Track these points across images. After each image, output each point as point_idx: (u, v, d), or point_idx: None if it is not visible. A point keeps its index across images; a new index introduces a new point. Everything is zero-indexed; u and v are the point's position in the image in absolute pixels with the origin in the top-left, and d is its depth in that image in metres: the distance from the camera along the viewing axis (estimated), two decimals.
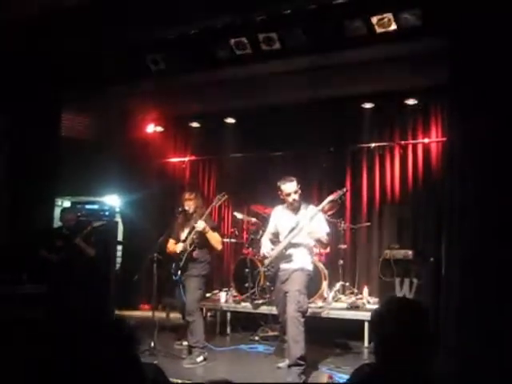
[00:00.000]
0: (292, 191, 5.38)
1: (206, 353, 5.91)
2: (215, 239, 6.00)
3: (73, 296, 6.30)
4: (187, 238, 5.95)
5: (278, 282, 5.49)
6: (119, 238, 9.11)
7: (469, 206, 4.95)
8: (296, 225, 5.31)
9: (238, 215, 8.14)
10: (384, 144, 8.11)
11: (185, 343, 6.21)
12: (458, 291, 4.95)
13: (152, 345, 5.92)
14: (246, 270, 7.36)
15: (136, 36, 6.34)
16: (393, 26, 5.42)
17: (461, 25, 5.09)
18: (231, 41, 6.07)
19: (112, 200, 8.80)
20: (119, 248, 9.19)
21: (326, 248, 7.19)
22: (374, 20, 5.43)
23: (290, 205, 5.45)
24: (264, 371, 5.55)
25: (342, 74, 6.83)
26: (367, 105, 7.96)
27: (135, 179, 9.12)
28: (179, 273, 5.92)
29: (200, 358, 5.79)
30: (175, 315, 7.26)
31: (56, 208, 7.76)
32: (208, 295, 7.72)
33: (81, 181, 8.25)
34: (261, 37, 5.93)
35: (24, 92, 6.96)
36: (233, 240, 8.46)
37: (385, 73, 6.79)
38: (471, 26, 5.01)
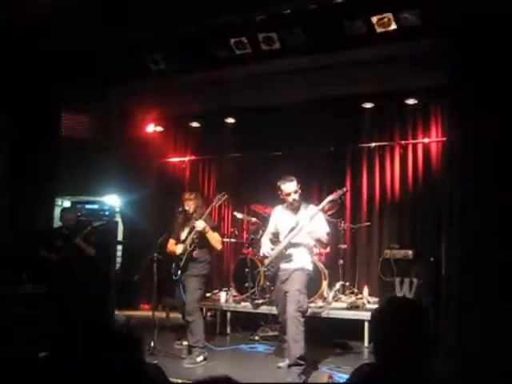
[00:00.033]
0: (292, 191, 5.38)
1: (206, 353, 5.91)
2: (215, 239, 6.00)
3: (73, 296, 6.30)
4: (187, 238, 5.95)
5: (278, 282, 5.49)
6: (119, 238, 9.12)
7: (469, 206, 4.95)
8: (296, 224, 5.31)
9: (238, 215, 8.14)
10: (384, 144, 8.11)
11: (185, 343, 6.21)
12: (458, 291, 4.95)
13: (152, 345, 5.92)
14: (246, 270, 7.36)
15: (136, 36, 6.34)
16: (393, 26, 5.42)
17: (461, 25, 5.09)
18: (231, 41, 6.07)
19: (112, 200, 8.79)
20: (119, 248, 9.19)
21: (326, 248, 7.19)
22: (374, 20, 5.43)
23: (290, 204, 5.45)
24: (264, 371, 5.55)
25: (342, 74, 6.83)
26: (367, 105, 7.96)
27: (135, 179, 9.12)
28: (179, 273, 5.92)
29: (200, 358, 5.79)
30: (175, 315, 7.26)
31: (56, 208, 7.76)
32: (208, 295, 7.72)
33: (81, 181, 8.23)
34: (261, 36, 5.93)
35: (24, 92, 6.95)
36: (233, 240, 8.46)
37: (385, 73, 6.79)
38: (471, 26, 5.01)
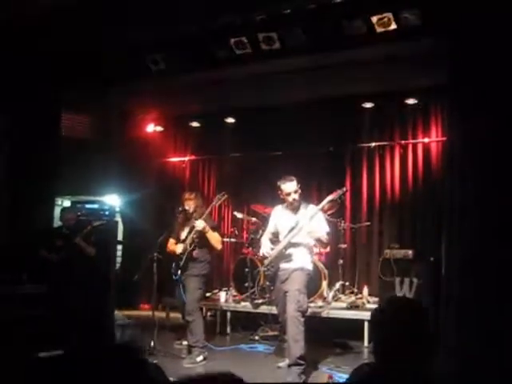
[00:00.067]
0: (292, 191, 5.38)
1: (206, 352, 5.92)
2: (215, 239, 6.00)
3: (73, 296, 6.30)
4: (187, 238, 5.95)
5: (278, 282, 5.49)
6: (119, 238, 9.11)
7: (469, 206, 4.95)
8: (296, 224, 5.31)
9: (238, 215, 8.14)
10: (384, 144, 8.11)
11: (185, 343, 6.21)
12: (458, 291, 4.94)
13: (152, 344, 5.93)
14: (246, 270, 7.36)
15: (136, 36, 6.34)
16: (393, 26, 5.41)
17: (461, 24, 5.08)
18: (231, 40, 6.06)
19: (112, 199, 8.78)
20: (119, 248, 9.19)
21: (326, 247, 7.18)
22: (374, 19, 5.42)
23: (290, 204, 5.45)
24: (264, 371, 5.55)
25: (342, 74, 6.82)
26: (367, 104, 7.96)
27: (135, 179, 9.11)
28: (179, 272, 5.92)
29: (200, 358, 5.79)
30: (175, 315, 7.26)
31: (56, 207, 7.76)
32: (208, 295, 7.72)
33: (81, 180, 8.23)
34: (260, 36, 5.93)
35: (24, 92, 6.95)
36: (233, 239, 8.47)
37: (385, 72, 6.78)
38: (471, 26, 5.00)
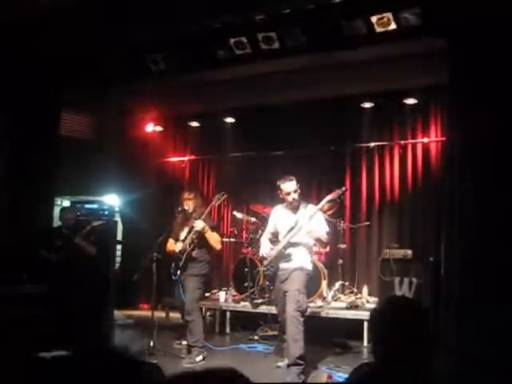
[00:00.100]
0: (291, 190, 5.38)
1: (206, 352, 5.92)
2: (214, 239, 6.00)
3: (72, 295, 6.30)
4: (186, 238, 5.95)
5: (278, 282, 5.49)
6: (119, 238, 9.11)
7: (468, 206, 4.95)
8: (295, 224, 5.31)
9: (238, 215, 8.14)
10: (383, 143, 8.12)
11: (184, 342, 6.21)
12: (458, 291, 4.94)
13: (151, 344, 5.93)
14: (246, 270, 7.36)
15: (136, 36, 6.34)
16: (392, 26, 5.41)
17: (460, 24, 5.08)
18: (231, 40, 6.07)
19: (111, 199, 8.78)
20: (119, 247, 9.19)
21: (326, 247, 7.19)
22: (374, 19, 5.43)
23: (290, 204, 5.45)
24: (263, 371, 5.55)
25: (342, 74, 6.82)
26: (367, 104, 7.96)
27: (135, 179, 9.11)
28: (178, 272, 5.92)
29: (199, 358, 5.79)
30: (174, 315, 7.26)
31: (55, 207, 7.76)
32: (207, 295, 7.72)
33: (80, 180, 8.22)
34: (260, 36, 5.93)
35: (24, 92, 6.95)
36: (232, 239, 8.46)
37: (384, 72, 6.79)
38: (471, 26, 5.00)
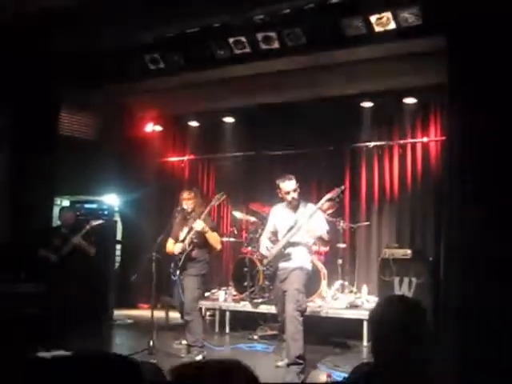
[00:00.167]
0: (291, 189, 5.37)
1: (205, 352, 5.91)
2: (214, 239, 5.99)
3: (71, 295, 6.30)
4: (186, 238, 5.94)
5: (277, 281, 5.49)
6: (118, 237, 9.11)
7: (468, 205, 4.95)
8: (295, 223, 5.30)
9: (237, 214, 8.13)
10: (383, 143, 8.11)
11: (183, 342, 6.20)
12: (457, 290, 4.94)
13: (151, 344, 5.92)
14: (245, 269, 7.35)
15: (135, 36, 6.34)
16: (392, 25, 5.41)
17: (460, 23, 5.08)
18: (230, 40, 6.07)
19: (111, 199, 8.79)
20: (118, 247, 9.19)
21: (327, 245, 7.19)
22: (373, 19, 5.43)
23: (289, 203, 5.44)
24: (263, 370, 5.53)
25: (341, 73, 6.83)
26: (366, 104, 7.94)
27: (134, 178, 9.12)
28: (178, 272, 5.91)
29: (199, 357, 5.77)
30: (174, 314, 7.25)
31: (55, 207, 7.76)
32: (207, 294, 7.72)
33: (80, 180, 8.24)
34: (259, 36, 5.93)
35: (23, 92, 6.95)
36: (232, 239, 8.45)
37: (384, 72, 6.79)
38: (470, 25, 5.00)
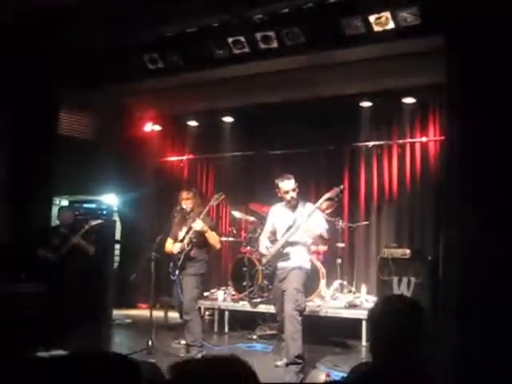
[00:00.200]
0: (290, 189, 5.38)
1: (204, 351, 5.90)
2: (214, 238, 6.00)
3: (70, 295, 6.30)
4: (185, 238, 5.94)
5: (276, 281, 5.49)
6: (117, 237, 9.11)
7: (467, 205, 4.95)
8: (293, 223, 5.31)
9: (236, 214, 8.13)
10: (382, 143, 8.11)
11: (182, 342, 6.20)
12: (456, 290, 4.95)
13: (150, 344, 5.91)
14: (244, 269, 7.36)
15: (134, 35, 6.34)
16: (390, 25, 5.41)
17: (459, 23, 5.08)
18: (229, 40, 6.07)
19: (110, 199, 8.79)
20: (117, 247, 9.18)
21: (327, 244, 7.21)
22: (372, 19, 5.43)
23: (288, 202, 5.45)
24: (262, 370, 5.46)
25: (340, 73, 6.83)
26: (365, 103, 7.94)
27: (133, 178, 9.12)
28: (177, 272, 5.91)
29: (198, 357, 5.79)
30: (173, 314, 7.25)
31: (54, 207, 7.76)
32: (206, 294, 7.72)
33: (79, 180, 8.24)
34: (258, 35, 5.93)
35: (23, 92, 6.95)
36: (231, 239, 8.45)
37: (383, 71, 6.79)
38: (469, 25, 5.00)
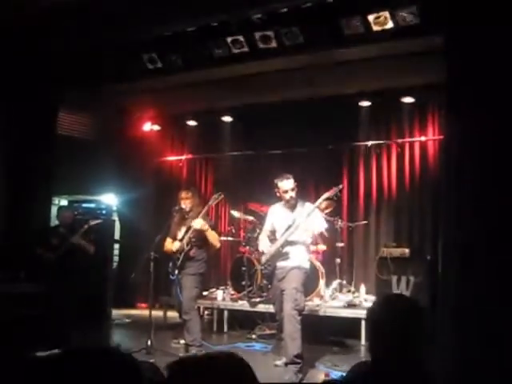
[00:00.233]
0: (289, 188, 5.38)
1: (203, 351, 5.90)
2: (214, 237, 6.01)
3: (69, 294, 6.30)
4: (184, 237, 5.94)
5: (275, 280, 5.49)
6: (116, 237, 9.11)
7: (466, 204, 4.95)
8: (292, 222, 5.31)
9: (235, 214, 8.14)
10: (381, 142, 8.11)
11: (182, 341, 6.21)
12: (455, 289, 4.94)
13: (149, 343, 5.92)
14: (243, 269, 7.36)
15: (133, 34, 6.34)
16: (389, 24, 5.41)
17: (458, 23, 5.08)
18: (228, 39, 6.06)
19: (109, 199, 8.79)
20: (116, 246, 9.19)
21: (326, 242, 7.24)
22: (371, 18, 5.42)
23: (287, 202, 5.45)
24: (261, 369, 5.49)
25: (339, 73, 6.83)
26: (364, 103, 7.94)
27: (132, 178, 9.12)
28: (176, 271, 5.92)
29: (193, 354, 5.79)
30: (172, 314, 7.26)
31: (53, 207, 7.75)
32: (205, 293, 7.72)
33: (78, 179, 8.24)
34: (257, 35, 5.92)
35: (23, 92, 6.94)
36: (230, 238, 8.45)
37: (382, 71, 6.79)
38: (468, 24, 5.00)
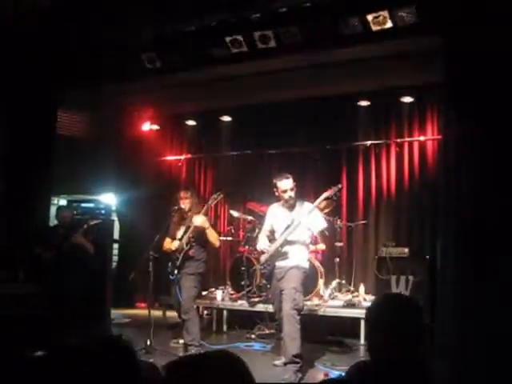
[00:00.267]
0: (288, 188, 5.38)
1: (202, 351, 5.91)
2: (214, 236, 6.03)
3: (69, 294, 6.29)
4: (183, 237, 5.95)
5: (274, 280, 5.50)
6: (115, 237, 9.10)
7: (464, 204, 4.95)
8: (291, 222, 5.32)
9: (234, 213, 8.14)
10: (380, 142, 8.12)
11: (181, 341, 6.21)
12: (454, 289, 4.95)
13: (148, 343, 5.93)
14: (242, 268, 7.36)
15: (133, 34, 6.33)
16: (388, 24, 5.41)
17: (457, 22, 5.08)
18: (227, 39, 6.06)
19: (108, 198, 8.78)
20: (115, 246, 9.17)
21: (326, 241, 7.24)
22: (370, 18, 5.43)
23: (286, 202, 5.45)
24: (260, 369, 5.53)
25: (338, 72, 6.83)
26: (363, 103, 7.94)
27: (131, 177, 9.11)
28: (176, 271, 5.92)
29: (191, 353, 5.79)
30: (171, 313, 7.26)
31: (52, 206, 7.75)
32: (204, 293, 7.72)
33: (77, 179, 8.23)
34: (256, 35, 5.92)
35: (21, 91, 6.94)
36: (229, 238, 8.45)
37: (381, 71, 6.79)
38: (467, 24, 5.01)
